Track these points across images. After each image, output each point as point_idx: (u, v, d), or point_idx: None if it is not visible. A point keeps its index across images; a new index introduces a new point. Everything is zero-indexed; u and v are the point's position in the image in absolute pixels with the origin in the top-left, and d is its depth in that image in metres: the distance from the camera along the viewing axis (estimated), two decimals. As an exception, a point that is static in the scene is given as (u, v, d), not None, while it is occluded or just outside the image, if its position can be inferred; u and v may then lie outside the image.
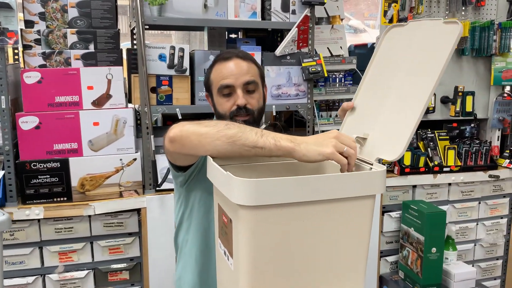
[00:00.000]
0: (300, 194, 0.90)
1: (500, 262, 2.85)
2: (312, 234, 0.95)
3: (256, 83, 1.41)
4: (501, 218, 2.81)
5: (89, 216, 2.08)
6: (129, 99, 2.18)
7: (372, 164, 1.03)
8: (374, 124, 1.11)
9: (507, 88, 2.74)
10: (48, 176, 2.00)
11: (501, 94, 2.70)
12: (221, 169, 0.96)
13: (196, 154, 1.16)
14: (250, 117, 1.39)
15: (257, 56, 2.25)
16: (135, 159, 2.09)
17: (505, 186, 2.76)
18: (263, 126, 2.85)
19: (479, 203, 2.73)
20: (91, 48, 2.08)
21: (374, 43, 2.81)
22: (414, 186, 2.58)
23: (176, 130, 1.11)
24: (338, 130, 1.29)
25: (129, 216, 2.14)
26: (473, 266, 2.76)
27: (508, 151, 2.73)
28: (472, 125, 2.77)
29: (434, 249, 2.33)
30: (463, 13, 2.61)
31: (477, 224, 2.75)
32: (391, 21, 2.46)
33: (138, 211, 2.14)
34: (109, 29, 2.09)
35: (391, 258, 2.59)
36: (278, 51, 2.25)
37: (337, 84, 2.56)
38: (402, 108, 1.05)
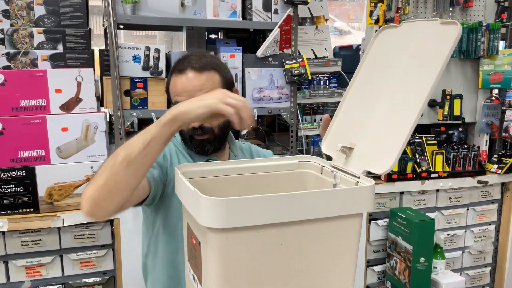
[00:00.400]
0: (277, 214, 0.79)
1: (488, 269, 2.78)
2: (291, 259, 0.84)
3: None
4: (489, 224, 2.74)
5: (58, 228, 1.94)
6: (101, 103, 2.06)
7: (358, 178, 0.93)
8: (362, 132, 1.00)
9: (495, 91, 2.67)
10: (13, 186, 1.86)
11: (489, 97, 2.63)
12: (188, 184, 0.84)
13: (119, 202, 1.01)
14: (210, 135, 1.26)
15: (238, 57, 2.14)
16: (107, 167, 1.96)
17: (493, 191, 2.69)
18: (245, 130, 2.74)
19: (467, 209, 2.66)
20: (60, 48, 1.94)
21: (359, 45, 2.72)
22: (402, 193, 2.50)
23: (84, 204, 0.99)
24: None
25: (101, 228, 2.01)
26: (461, 274, 2.69)
27: (496, 156, 2.66)
28: (460, 129, 2.70)
29: (422, 259, 2.24)
30: (450, 14, 2.53)
31: (465, 231, 2.67)
32: (377, 21, 2.37)
33: (111, 222, 2.02)
34: (79, 28, 1.96)
35: (378, 268, 2.50)
36: (259, 52, 2.14)
37: (322, 87, 2.46)
38: (393, 116, 0.94)
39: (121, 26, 2.13)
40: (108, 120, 2.07)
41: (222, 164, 1.04)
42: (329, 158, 1.07)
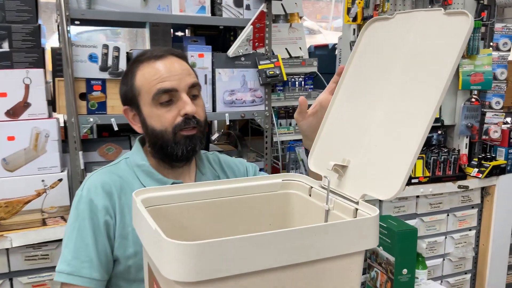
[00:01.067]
0: (262, 259, 0.62)
1: (468, 276, 2.70)
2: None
3: (200, 86, 1.12)
4: (470, 230, 2.65)
5: (6, 249, 1.72)
6: (53, 108, 1.84)
7: (357, 203, 0.77)
8: (356, 146, 0.84)
9: (474, 93, 2.58)
10: (-50, 204, 1.63)
11: (469, 99, 2.54)
12: (148, 219, 0.66)
13: None
14: (197, 130, 1.09)
15: (207, 57, 1.95)
16: (60, 180, 1.75)
17: (473, 196, 2.61)
18: (216, 135, 2.56)
19: (448, 215, 2.56)
20: (5, 46, 1.71)
21: (335, 44, 2.58)
22: (381, 200, 2.37)
23: None
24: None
25: (55, 247, 1.80)
26: (441, 282, 2.60)
27: (476, 160, 2.57)
28: (439, 132, 2.60)
29: (405, 271, 2.11)
30: (429, 12, 2.42)
31: (445, 238, 2.58)
32: (355, 19, 2.23)
33: (66, 240, 1.80)
34: (28, 24, 1.74)
35: (357, 280, 2.36)
36: (231, 52, 1.96)
37: (297, 89, 2.31)
38: (395, 126, 0.79)
39: (77, 22, 1.92)
40: (61, 127, 1.86)
41: (191, 187, 0.86)
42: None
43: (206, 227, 0.85)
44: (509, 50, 2.45)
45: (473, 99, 2.53)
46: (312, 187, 0.88)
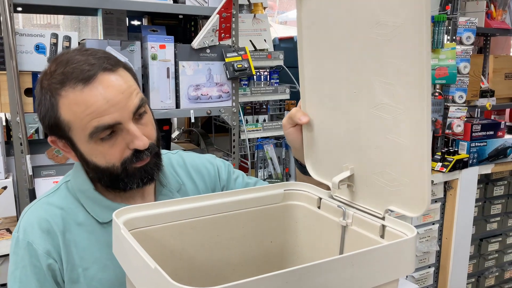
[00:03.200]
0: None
1: (432, 270, 2.71)
2: None
3: (145, 100, 0.88)
4: (433, 224, 2.66)
5: None
6: (-6, 105, 1.62)
7: (382, 218, 0.66)
8: (355, 150, 0.72)
9: (437, 87, 2.58)
10: None
11: (433, 93, 2.53)
12: (141, 253, 0.52)
13: None
14: (153, 156, 0.88)
15: (169, 48, 1.79)
16: (5, 188, 1.54)
17: (436, 190, 2.61)
18: (176, 132, 2.39)
19: (413, 210, 2.55)
20: None
21: (301, 36, 2.48)
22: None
23: None
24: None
25: (1, 263, 1.59)
26: (406, 277, 2.58)
27: (439, 154, 2.57)
28: (404, 126, 2.57)
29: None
30: (395, 4, 2.37)
31: (410, 233, 2.57)
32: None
33: (12, 255, 1.60)
34: (-40, 8, 1.51)
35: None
36: (195, 43, 1.81)
37: (262, 83, 2.19)
38: (389, 122, 0.66)
39: (19, 9, 1.71)
40: (3, 127, 1.64)
41: (180, 203, 0.72)
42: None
43: (201, 250, 0.72)
44: (472, 44, 2.45)
45: (436, 93, 2.52)
46: (321, 198, 0.76)
